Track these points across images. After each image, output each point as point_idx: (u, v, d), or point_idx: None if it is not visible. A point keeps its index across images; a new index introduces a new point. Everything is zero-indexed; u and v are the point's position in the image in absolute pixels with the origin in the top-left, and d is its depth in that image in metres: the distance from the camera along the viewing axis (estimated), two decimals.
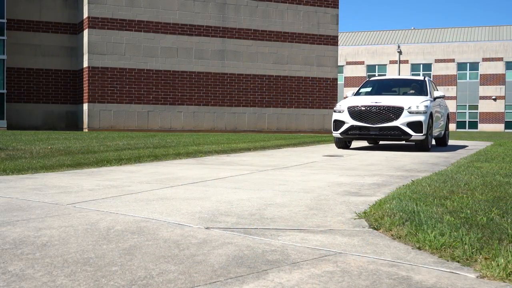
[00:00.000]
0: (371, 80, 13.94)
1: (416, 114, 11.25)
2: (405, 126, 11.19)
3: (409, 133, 11.21)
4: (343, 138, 11.88)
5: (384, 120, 11.28)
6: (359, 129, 11.49)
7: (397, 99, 11.69)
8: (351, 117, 11.56)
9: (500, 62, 56.14)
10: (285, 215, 3.75)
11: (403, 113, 11.24)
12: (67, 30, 22.95)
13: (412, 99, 11.67)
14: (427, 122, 11.29)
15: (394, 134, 11.32)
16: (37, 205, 4.02)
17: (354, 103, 11.69)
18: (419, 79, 13.46)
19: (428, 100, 11.84)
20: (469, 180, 5.50)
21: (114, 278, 2.25)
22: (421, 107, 11.32)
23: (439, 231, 2.99)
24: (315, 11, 25.17)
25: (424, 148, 11.53)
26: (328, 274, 2.36)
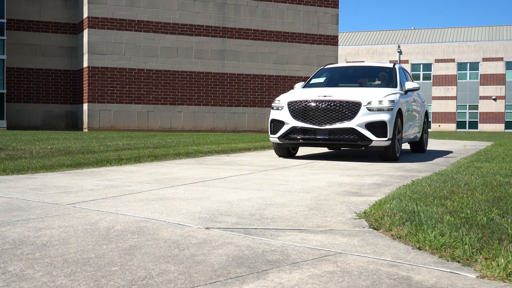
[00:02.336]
0: (327, 67, 10.81)
1: (378, 112, 8.38)
2: (363, 128, 8.33)
3: (368, 137, 8.30)
4: (282, 143, 8.94)
5: (336, 120, 8.38)
6: (303, 132, 8.57)
7: (354, 91, 8.85)
8: (293, 115, 8.64)
9: (500, 62, 56.15)
10: (285, 215, 3.75)
11: (361, 110, 8.35)
12: (67, 30, 22.95)
13: (375, 92, 8.80)
14: (393, 123, 8.48)
15: (349, 139, 8.39)
16: (37, 205, 4.01)
17: (297, 97, 8.76)
18: (387, 67, 10.42)
19: (396, 93, 9.03)
20: (469, 180, 5.50)
21: (114, 278, 2.25)
22: (385, 102, 8.47)
23: (439, 231, 2.99)
24: (315, 11, 25.17)
25: (389, 156, 8.66)
26: (328, 274, 2.36)
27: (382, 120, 8.37)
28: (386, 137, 8.40)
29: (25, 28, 22.35)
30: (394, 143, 8.63)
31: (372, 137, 8.34)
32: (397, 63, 10.58)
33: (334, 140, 8.50)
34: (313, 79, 10.42)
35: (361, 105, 8.39)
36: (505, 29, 58.48)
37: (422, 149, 11.22)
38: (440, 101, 57.49)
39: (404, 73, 10.76)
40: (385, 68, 10.45)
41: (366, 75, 10.63)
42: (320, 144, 8.81)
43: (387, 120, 8.39)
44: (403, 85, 9.81)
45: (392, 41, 59.94)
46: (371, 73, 10.62)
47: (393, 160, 8.73)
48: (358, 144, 8.47)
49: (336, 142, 8.52)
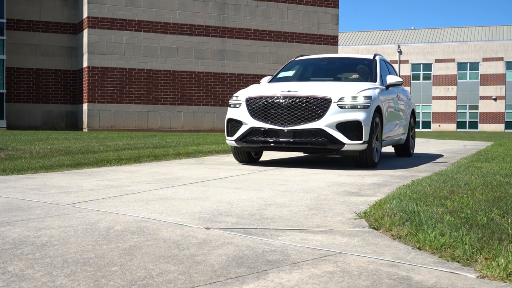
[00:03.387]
0: (298, 59, 9.41)
1: (351, 110, 7.11)
2: (334, 128, 7.02)
3: (339, 140, 6.99)
4: (240, 147, 7.65)
5: (301, 120, 7.09)
6: (264, 134, 7.28)
7: (324, 86, 7.61)
8: (252, 114, 7.36)
9: (500, 62, 56.15)
10: (285, 215, 3.75)
11: (331, 107, 7.05)
12: (67, 30, 22.94)
13: (348, 87, 7.52)
14: (370, 122, 7.16)
15: (316, 142, 7.07)
16: (37, 205, 4.01)
17: (257, 92, 7.50)
18: (366, 58, 9.07)
19: (374, 88, 7.77)
20: (469, 180, 5.50)
21: (114, 278, 2.25)
22: (360, 98, 7.16)
23: (439, 231, 2.98)
24: (315, 11, 25.17)
25: (365, 162, 7.39)
26: (328, 274, 2.36)
27: (356, 119, 7.05)
28: (361, 140, 7.05)
29: (25, 28, 22.34)
30: (371, 147, 7.32)
31: (344, 139, 7.02)
32: (378, 54, 9.18)
33: (299, 144, 7.15)
34: (282, 72, 9.11)
35: (331, 102, 7.07)
36: (505, 29, 58.48)
37: (408, 153, 9.95)
38: (440, 101, 57.50)
39: (387, 65, 9.43)
40: (363, 60, 9.10)
41: (343, 68, 9.24)
42: (283, 148, 7.40)
43: (362, 120, 7.06)
44: (384, 79, 8.55)
45: (392, 41, 59.94)
46: (348, 66, 9.24)
47: (371, 166, 7.45)
48: (327, 148, 7.14)
49: (302, 146, 7.20)
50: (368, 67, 8.77)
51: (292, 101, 7.15)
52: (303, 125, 7.09)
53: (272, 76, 8.98)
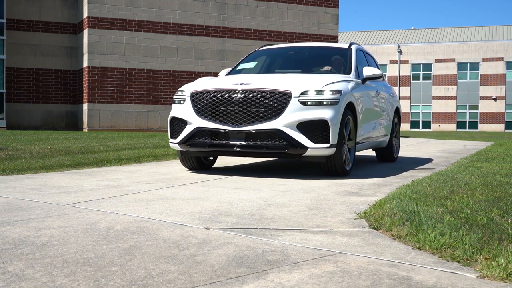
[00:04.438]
0: (261, 49, 8.28)
1: (315, 106, 5.95)
2: (294, 129, 5.87)
3: (301, 143, 5.86)
4: (185, 151, 6.45)
5: (256, 119, 5.94)
6: (212, 136, 6.12)
7: (284, 78, 6.46)
8: (198, 112, 6.20)
9: (500, 62, 56.15)
10: (285, 215, 3.75)
11: (291, 103, 5.92)
12: (67, 30, 22.94)
13: (313, 79, 6.35)
14: (339, 122, 6.02)
15: (273, 146, 5.91)
16: (37, 205, 4.01)
17: (204, 85, 6.35)
18: (340, 48, 7.91)
19: (347, 81, 6.61)
20: (469, 180, 5.50)
21: (114, 278, 2.25)
22: (326, 92, 6.01)
23: (439, 231, 2.99)
24: (315, 11, 25.17)
25: (334, 170, 6.21)
26: (328, 274, 2.36)
27: (321, 118, 5.87)
28: (327, 143, 5.88)
29: (25, 28, 22.34)
30: (341, 151, 6.14)
31: (306, 142, 5.85)
32: (355, 43, 7.96)
33: (253, 148, 5.96)
34: (242, 63, 7.91)
35: (290, 97, 5.90)
36: (505, 29, 58.48)
37: (392, 157, 8.71)
38: (440, 101, 57.50)
39: (365, 56, 8.21)
40: (337, 49, 7.91)
41: (313, 58, 7.96)
42: (235, 153, 6.21)
43: (329, 118, 5.88)
44: (360, 71, 7.36)
45: (392, 41, 59.94)
46: (320, 56, 7.96)
47: (341, 174, 6.25)
48: (286, 152, 5.91)
49: (256, 150, 5.99)
50: (343, 57, 7.55)
51: (245, 96, 5.97)
52: (258, 125, 5.91)
53: (231, 68, 7.83)
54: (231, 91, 6.07)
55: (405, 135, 29.11)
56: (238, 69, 7.76)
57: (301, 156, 6.01)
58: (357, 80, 7.04)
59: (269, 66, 7.82)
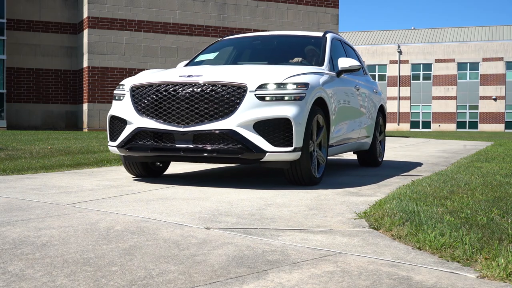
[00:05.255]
0: (225, 39, 7.41)
1: (276, 102, 5.07)
2: (250, 129, 4.99)
3: (258, 146, 4.97)
4: (126, 155, 5.54)
5: (206, 117, 5.06)
6: (155, 138, 5.25)
7: (240, 70, 5.59)
8: (138, 109, 5.35)
9: (500, 62, 56.15)
10: (285, 215, 3.75)
11: (246, 99, 5.04)
12: (67, 30, 22.95)
13: (275, 70, 5.45)
14: (305, 121, 5.14)
15: (225, 150, 5.02)
16: (37, 205, 4.01)
17: (147, 78, 5.49)
18: (313, 36, 6.96)
19: (317, 73, 5.71)
20: (469, 180, 5.50)
21: (114, 278, 2.25)
22: (290, 86, 5.13)
23: (439, 231, 2.99)
24: (315, 11, 25.18)
25: (300, 177, 5.31)
26: (328, 274, 2.36)
27: (282, 116, 4.99)
28: (290, 146, 5.00)
29: (25, 28, 22.35)
30: (308, 156, 5.23)
31: (265, 145, 4.96)
32: (331, 32, 7.06)
33: (201, 152, 5.03)
34: (202, 55, 7.07)
35: (246, 91, 5.02)
36: (505, 29, 58.49)
37: (375, 161, 7.80)
38: (440, 101, 57.51)
39: (344, 47, 7.30)
40: (309, 38, 6.97)
41: (282, 48, 7.04)
42: (181, 158, 5.34)
43: (292, 117, 5.00)
44: (336, 63, 6.43)
45: (392, 41, 59.95)
46: (290, 46, 7.00)
47: (308, 183, 5.33)
48: (240, 158, 5.02)
49: (205, 155, 5.05)
50: (316, 47, 6.62)
51: (193, 90, 5.08)
52: (208, 124, 5.01)
53: (189, 60, 7.03)
54: (176, 85, 5.17)
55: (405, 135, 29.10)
56: (197, 60, 6.89)
57: (259, 162, 5.08)
58: (331, 73, 6.11)
59: (231, 57, 6.94)
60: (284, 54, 6.77)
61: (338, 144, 6.32)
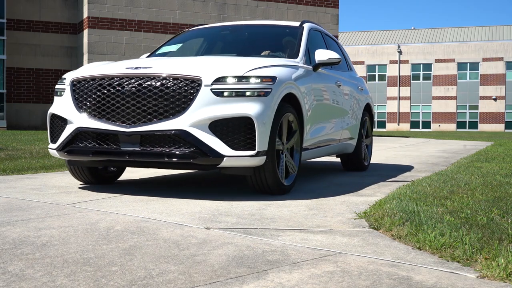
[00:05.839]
0: (192, 29, 6.74)
1: (236, 99, 4.37)
2: (205, 130, 4.30)
3: (214, 149, 4.28)
4: (66, 158, 4.84)
5: (155, 116, 4.38)
6: (97, 140, 4.56)
7: (196, 61, 4.92)
8: (79, 106, 4.67)
9: (500, 62, 56.15)
10: (285, 215, 3.75)
11: (201, 94, 4.34)
12: (67, 30, 22.95)
13: (236, 62, 4.80)
14: (271, 120, 4.47)
15: (176, 154, 4.30)
16: (37, 205, 4.01)
17: (91, 71, 4.79)
18: (289, 26, 6.28)
19: (290, 66, 5.09)
20: (469, 180, 5.50)
21: (114, 278, 2.25)
22: (252, 79, 4.44)
23: (439, 231, 2.99)
24: (315, 11, 25.18)
25: (265, 186, 4.64)
26: (328, 274, 2.36)
27: (243, 114, 4.29)
28: (253, 149, 4.30)
29: (25, 28, 22.35)
30: (275, 161, 4.52)
31: (223, 149, 4.25)
32: (309, 22, 6.37)
33: (149, 156, 4.36)
34: (165, 46, 6.42)
35: (201, 85, 4.31)
36: (505, 29, 58.49)
37: (361, 165, 7.11)
38: (440, 101, 57.51)
39: (325, 39, 6.62)
40: (284, 28, 6.32)
41: (254, 39, 6.32)
42: (127, 163, 4.63)
43: (255, 115, 4.30)
44: (312, 56, 5.74)
45: (392, 41, 59.95)
46: (263, 37, 6.35)
47: (275, 191, 4.66)
48: (192, 163, 4.33)
49: (154, 160, 4.37)
50: (292, 37, 5.96)
51: (140, 84, 4.41)
52: (157, 124, 4.32)
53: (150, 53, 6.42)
54: (122, 78, 4.48)
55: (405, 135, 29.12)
56: (160, 52, 6.28)
57: (216, 168, 4.39)
58: (307, 67, 5.46)
59: (196, 49, 6.33)
60: (256, 46, 6.07)
61: (315, 147, 5.62)
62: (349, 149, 6.84)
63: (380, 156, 10.01)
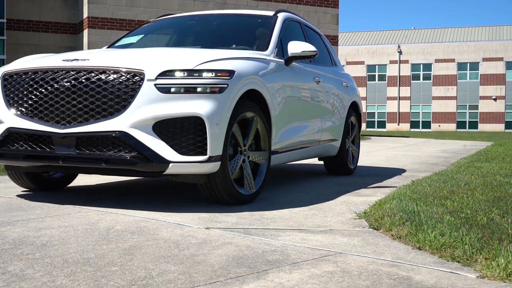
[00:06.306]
0: (158, 19, 6.21)
1: (185, 96, 3.78)
2: (149, 132, 3.72)
3: (159, 154, 3.69)
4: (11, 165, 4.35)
5: (92, 116, 3.80)
6: (29, 142, 3.99)
7: (142, 53, 4.28)
8: (10, 104, 4.09)
9: (500, 62, 56.15)
10: (285, 215, 3.75)
11: (143, 90, 3.76)
12: (67, 30, 22.97)
13: (187, 54, 4.20)
14: (227, 120, 3.89)
15: (115, 159, 3.74)
16: (37, 205, 4.01)
17: (24, 64, 4.26)
18: (262, 15, 5.65)
19: (255, 59, 4.54)
20: (469, 180, 5.50)
21: (114, 278, 2.25)
22: (205, 74, 3.84)
23: (439, 231, 2.99)
24: (315, 11, 25.19)
25: (219, 195, 4.05)
26: (328, 274, 2.36)
27: (193, 113, 3.74)
28: (204, 154, 3.74)
29: (25, 28, 22.37)
30: (227, 167, 3.93)
31: (168, 153, 3.70)
32: (285, 11, 5.85)
33: (85, 161, 3.83)
34: (126, 38, 5.92)
35: (143, 80, 3.76)
36: (505, 29, 58.49)
37: (346, 169, 6.57)
38: (440, 101, 57.51)
39: (304, 30, 6.07)
40: (256, 18, 5.66)
41: (223, 30, 5.72)
42: (63, 168, 4.10)
43: (206, 115, 3.75)
44: (285, 48, 5.14)
45: (392, 41, 59.95)
46: (232, 28, 5.74)
47: (232, 202, 4.09)
48: (134, 170, 3.80)
49: (91, 166, 3.83)
50: (264, 28, 5.35)
51: (76, 78, 3.86)
52: (94, 124, 3.78)
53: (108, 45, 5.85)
54: (56, 72, 3.93)
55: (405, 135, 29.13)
56: (118, 45, 5.72)
57: (159, 174, 3.82)
58: (277, 60, 4.89)
59: (158, 40, 5.88)
60: (224, 38, 5.49)
61: (286, 150, 5.00)
62: (331, 151, 6.29)
63: (380, 156, 10.01)
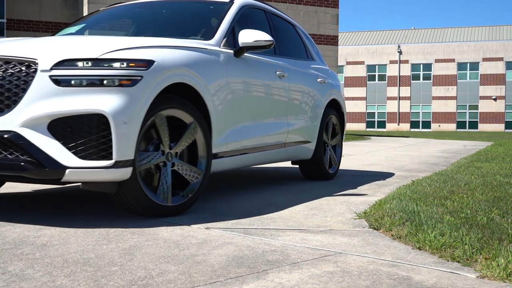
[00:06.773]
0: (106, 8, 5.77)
1: (86, 89, 3.17)
2: (43, 132, 3.10)
3: (53, 158, 3.08)
4: None
5: None
6: None
7: (42, 41, 3.56)
8: None
9: (500, 62, 56.16)
10: (285, 215, 3.75)
11: (35, 82, 3.15)
12: None
13: (97, 41, 3.58)
14: (140, 120, 3.29)
15: (3, 165, 3.13)
16: (37, 205, 4.01)
17: None
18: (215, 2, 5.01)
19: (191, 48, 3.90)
20: (469, 180, 5.50)
21: (114, 278, 2.25)
22: (115, 64, 3.26)
23: (439, 231, 2.99)
24: (315, 11, 25.19)
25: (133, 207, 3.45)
26: (328, 274, 2.36)
27: (94, 110, 3.17)
28: (109, 159, 3.18)
29: (25, 28, 22.38)
30: (135, 175, 3.35)
31: (65, 157, 3.13)
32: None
33: None
34: (69, 27, 5.59)
35: (36, 70, 3.20)
36: (505, 29, 58.49)
37: (323, 173, 5.97)
38: (440, 101, 57.52)
39: (269, 18, 5.47)
40: (209, 4, 5.06)
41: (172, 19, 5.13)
42: None
43: (112, 112, 3.18)
44: (237, 38, 4.47)
45: (392, 41, 59.95)
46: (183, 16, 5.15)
47: (150, 213, 3.52)
48: (24, 177, 3.22)
49: None
50: (216, 16, 4.74)
51: None
52: None
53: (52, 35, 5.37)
54: None
55: (405, 135, 29.13)
56: (61, 34, 5.32)
57: (58, 182, 3.25)
58: (224, 51, 4.29)
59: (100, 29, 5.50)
60: (173, 26, 4.94)
61: (237, 154, 4.41)
62: (304, 154, 5.69)
63: (380, 156, 10.01)
